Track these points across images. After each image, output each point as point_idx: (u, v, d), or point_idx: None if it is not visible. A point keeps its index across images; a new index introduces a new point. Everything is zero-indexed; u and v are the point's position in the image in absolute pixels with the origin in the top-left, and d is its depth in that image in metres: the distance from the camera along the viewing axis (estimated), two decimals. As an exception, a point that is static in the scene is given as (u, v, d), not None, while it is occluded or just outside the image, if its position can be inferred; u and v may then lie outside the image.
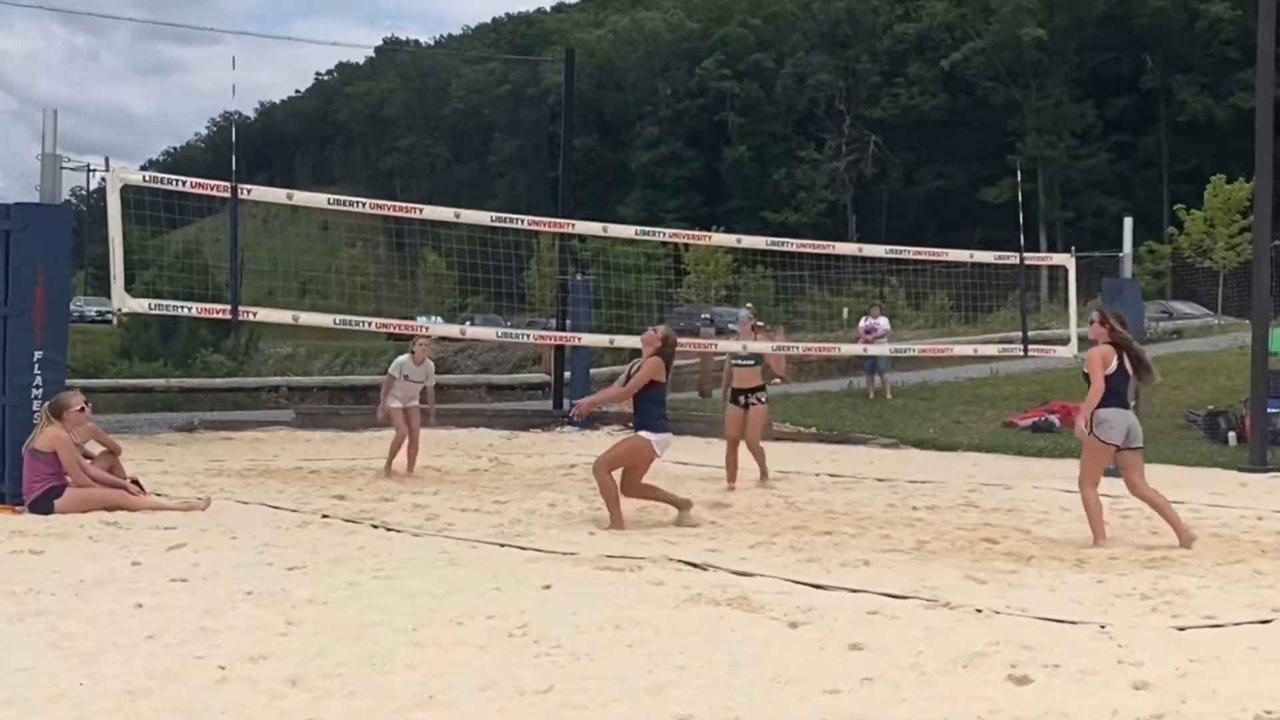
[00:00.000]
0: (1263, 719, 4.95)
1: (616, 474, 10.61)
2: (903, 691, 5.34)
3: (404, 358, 14.92)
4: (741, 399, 13.65)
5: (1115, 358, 9.70)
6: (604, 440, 19.09)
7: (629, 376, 10.77)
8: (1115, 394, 9.69)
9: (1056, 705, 5.12)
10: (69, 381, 12.57)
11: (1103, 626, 6.61)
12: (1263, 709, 5.04)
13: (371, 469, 14.92)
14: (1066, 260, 17.15)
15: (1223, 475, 15.63)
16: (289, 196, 15.10)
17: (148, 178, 13.51)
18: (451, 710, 5.06)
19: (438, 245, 45.32)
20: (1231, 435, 18.49)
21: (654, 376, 10.57)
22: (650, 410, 10.64)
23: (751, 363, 13.44)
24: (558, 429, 21.51)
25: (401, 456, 14.81)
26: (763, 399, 13.74)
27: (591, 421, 21.62)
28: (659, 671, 5.67)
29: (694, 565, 8.45)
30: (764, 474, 13.77)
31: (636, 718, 4.98)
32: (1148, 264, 41.31)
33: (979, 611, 6.96)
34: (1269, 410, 17.33)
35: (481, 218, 15.25)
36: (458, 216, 15.08)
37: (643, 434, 10.61)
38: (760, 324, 14.85)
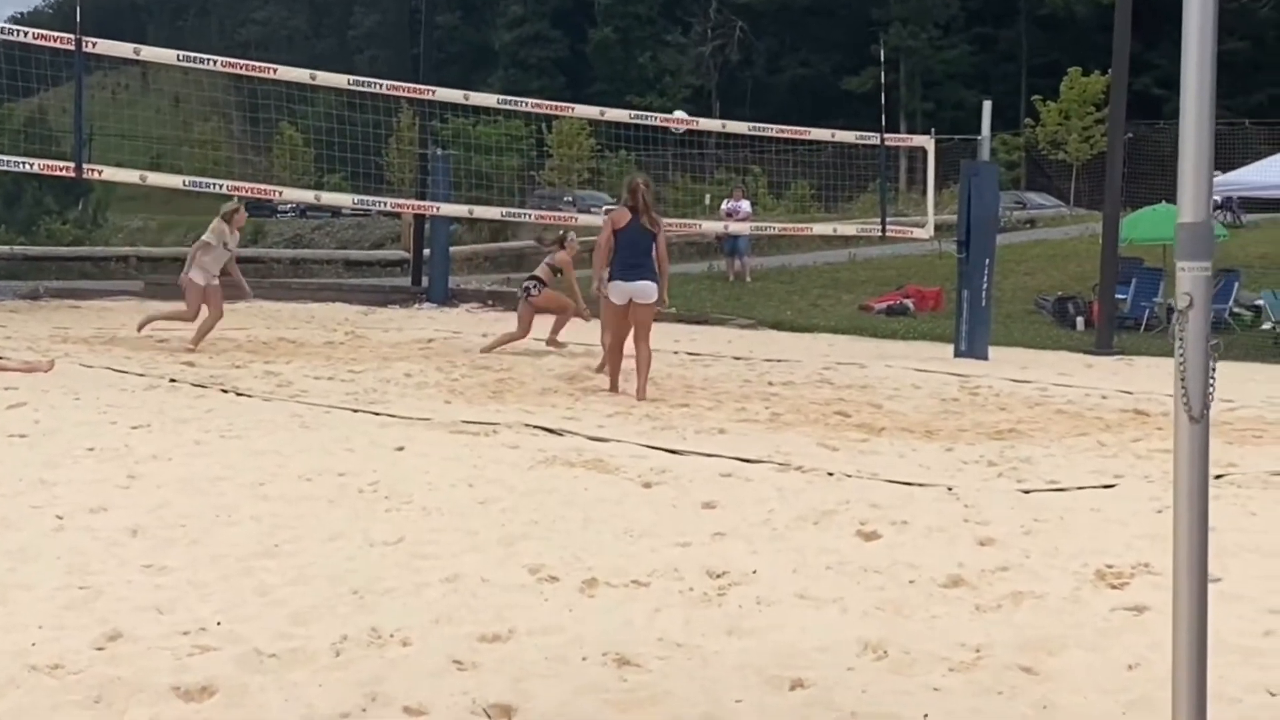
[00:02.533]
0: (1103, 573, 5.08)
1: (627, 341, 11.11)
2: (754, 545, 5.39)
3: (225, 225, 13.51)
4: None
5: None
6: (461, 317, 18.96)
7: None
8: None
9: (904, 558, 5.20)
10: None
11: (950, 489, 6.74)
12: (1103, 563, 5.18)
13: (224, 339, 14.60)
14: (926, 142, 17.25)
15: (1070, 358, 15.97)
16: (136, 51, 14.56)
17: (-15, 27, 12.93)
18: (297, 559, 4.98)
19: (294, 120, 44.17)
20: (1079, 320, 18.96)
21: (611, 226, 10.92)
22: (613, 260, 10.91)
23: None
24: (416, 306, 21.25)
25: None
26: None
27: (449, 299, 21.45)
28: (511, 526, 5.65)
29: (550, 431, 8.43)
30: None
31: (488, 568, 4.94)
32: (1001, 155, 41.79)
33: (830, 475, 7.06)
34: (1116, 296, 17.78)
35: (338, 80, 14.87)
36: (313, 78, 14.71)
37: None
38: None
